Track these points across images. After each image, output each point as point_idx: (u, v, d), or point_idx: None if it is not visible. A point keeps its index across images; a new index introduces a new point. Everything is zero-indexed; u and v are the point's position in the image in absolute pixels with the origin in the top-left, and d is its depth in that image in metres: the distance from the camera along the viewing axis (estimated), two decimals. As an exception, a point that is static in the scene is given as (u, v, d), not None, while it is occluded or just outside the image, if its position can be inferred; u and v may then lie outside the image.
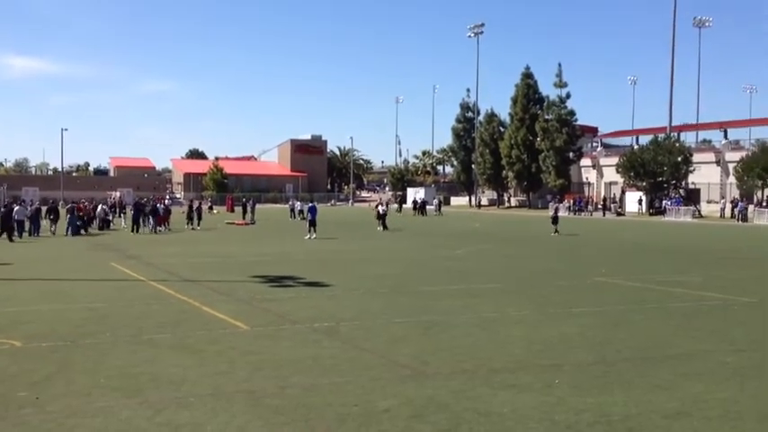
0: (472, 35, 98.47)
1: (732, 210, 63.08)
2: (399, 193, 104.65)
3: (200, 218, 46.24)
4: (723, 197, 69.86)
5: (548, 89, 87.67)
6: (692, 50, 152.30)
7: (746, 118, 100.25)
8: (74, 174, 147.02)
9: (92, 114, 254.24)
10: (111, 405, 7.98)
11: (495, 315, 14.01)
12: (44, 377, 9.14)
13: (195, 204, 47.64)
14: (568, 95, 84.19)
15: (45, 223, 38.95)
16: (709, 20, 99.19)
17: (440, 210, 73.58)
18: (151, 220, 41.69)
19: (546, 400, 8.25)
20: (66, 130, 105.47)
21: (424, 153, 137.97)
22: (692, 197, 70.34)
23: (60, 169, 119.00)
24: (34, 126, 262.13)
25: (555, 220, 40.57)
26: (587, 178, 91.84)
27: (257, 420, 7.49)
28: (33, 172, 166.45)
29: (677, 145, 72.33)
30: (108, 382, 8.89)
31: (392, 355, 10.50)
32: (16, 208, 37.20)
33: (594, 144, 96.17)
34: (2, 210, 36.48)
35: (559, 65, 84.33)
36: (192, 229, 43.69)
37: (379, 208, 46.13)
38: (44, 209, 41.39)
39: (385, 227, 43.27)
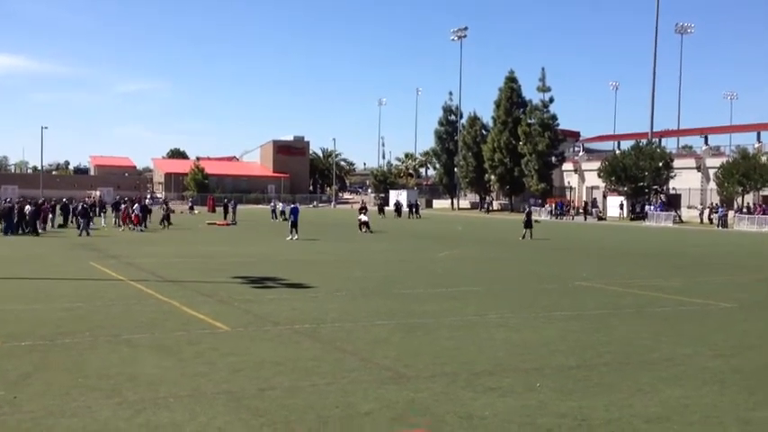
0: (455, 39, 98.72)
1: (710, 215, 63.61)
2: (382, 195, 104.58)
3: (167, 218, 45.80)
4: (702, 203, 70.39)
5: (530, 93, 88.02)
6: (673, 56, 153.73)
7: (727, 124, 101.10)
8: (54, 172, 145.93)
9: (72, 113, 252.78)
10: (89, 405, 7.90)
11: (476, 318, 14.01)
12: (22, 376, 9.03)
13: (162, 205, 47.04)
14: (551, 100, 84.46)
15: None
16: (692, 26, 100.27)
17: (417, 213, 71.84)
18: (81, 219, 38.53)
19: (527, 403, 8.25)
20: (46, 128, 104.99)
21: (406, 155, 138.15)
22: (673, 203, 70.82)
23: (40, 167, 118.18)
24: (14, 124, 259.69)
25: (528, 223, 39.41)
26: (569, 182, 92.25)
27: (237, 422, 7.43)
28: (12, 170, 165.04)
29: (658, 150, 72.79)
30: (86, 382, 8.80)
31: (374, 357, 10.47)
32: None
33: (576, 149, 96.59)
34: None
35: (543, 69, 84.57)
36: (141, 230, 41.64)
37: (362, 216, 44.55)
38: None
39: (369, 230, 42.71)
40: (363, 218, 44.25)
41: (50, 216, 42.90)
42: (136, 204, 45.35)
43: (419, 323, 13.24)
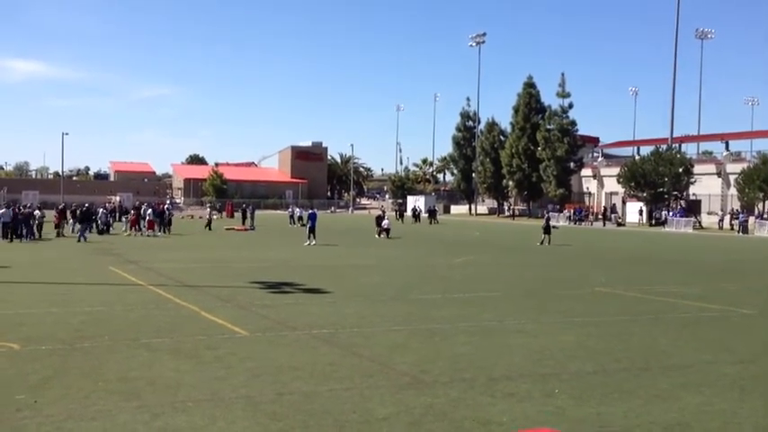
0: (474, 44, 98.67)
1: (730, 221, 63.16)
2: (400, 201, 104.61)
3: (169, 223, 45.86)
4: (723, 209, 69.86)
5: (549, 98, 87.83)
6: (693, 62, 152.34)
7: (748, 130, 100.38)
8: (74, 178, 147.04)
9: (92, 118, 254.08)
10: (108, 409, 7.96)
11: (494, 324, 13.98)
12: (42, 380, 9.11)
13: (157, 208, 46.99)
14: (571, 105, 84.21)
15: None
16: (712, 32, 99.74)
17: (435, 218, 72.01)
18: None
19: (545, 409, 8.22)
20: (67, 134, 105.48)
21: (424, 161, 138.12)
22: (693, 208, 70.30)
23: (60, 173, 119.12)
24: (35, 129, 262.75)
25: (547, 229, 39.08)
26: (588, 188, 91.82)
27: (255, 426, 7.47)
28: (34, 175, 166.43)
29: (678, 156, 72.32)
30: (106, 386, 8.86)
31: (391, 362, 10.47)
32: (1, 211, 37.40)
33: (595, 154, 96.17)
34: None
35: (563, 75, 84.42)
36: (154, 235, 42.01)
37: (384, 222, 44.48)
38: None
39: (387, 236, 42.80)
40: (386, 223, 44.42)
41: (71, 221, 43.27)
42: (149, 209, 45.21)
43: (437, 328, 13.23)
